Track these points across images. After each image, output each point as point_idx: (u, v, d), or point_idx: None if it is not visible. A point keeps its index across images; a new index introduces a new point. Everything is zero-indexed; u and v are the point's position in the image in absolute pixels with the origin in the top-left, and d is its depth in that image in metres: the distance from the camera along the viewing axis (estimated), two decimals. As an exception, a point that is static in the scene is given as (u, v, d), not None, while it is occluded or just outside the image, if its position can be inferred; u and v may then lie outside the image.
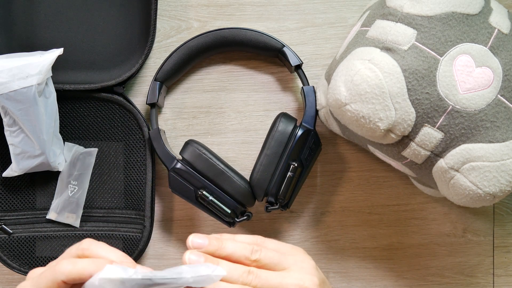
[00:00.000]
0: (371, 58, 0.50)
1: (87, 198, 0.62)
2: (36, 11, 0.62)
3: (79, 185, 0.61)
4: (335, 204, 0.65)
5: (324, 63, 0.64)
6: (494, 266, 0.65)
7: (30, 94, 0.55)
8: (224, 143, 0.65)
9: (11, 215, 0.61)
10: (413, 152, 0.52)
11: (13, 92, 0.55)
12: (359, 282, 0.65)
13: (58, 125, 0.60)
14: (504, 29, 0.52)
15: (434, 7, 0.50)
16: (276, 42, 0.61)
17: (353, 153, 0.65)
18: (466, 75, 0.50)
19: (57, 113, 0.59)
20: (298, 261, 0.45)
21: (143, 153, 0.62)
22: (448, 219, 0.65)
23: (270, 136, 0.58)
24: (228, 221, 0.59)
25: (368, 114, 0.50)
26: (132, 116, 0.62)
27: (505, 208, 0.65)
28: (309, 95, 0.60)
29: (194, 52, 0.62)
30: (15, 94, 0.55)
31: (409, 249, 0.65)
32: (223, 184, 0.58)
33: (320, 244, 0.65)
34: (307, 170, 0.59)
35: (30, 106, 0.55)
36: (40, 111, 0.56)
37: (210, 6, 0.64)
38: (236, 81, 0.65)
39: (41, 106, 0.56)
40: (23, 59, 0.55)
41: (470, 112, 0.50)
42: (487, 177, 0.49)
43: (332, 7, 0.64)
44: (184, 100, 0.65)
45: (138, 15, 0.62)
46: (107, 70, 0.63)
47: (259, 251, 0.44)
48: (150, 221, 0.62)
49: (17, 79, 0.54)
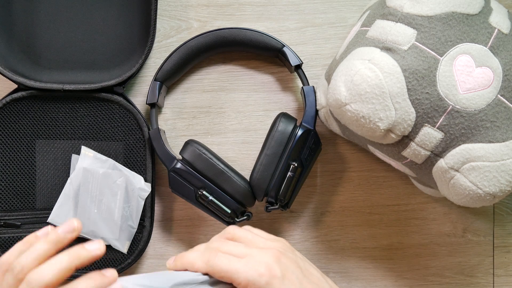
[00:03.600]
0: (371, 58, 0.50)
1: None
2: (36, 11, 0.62)
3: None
4: (335, 204, 0.65)
5: (324, 63, 0.64)
6: (494, 266, 0.65)
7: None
8: (224, 143, 0.65)
9: (11, 215, 0.61)
10: (413, 152, 0.52)
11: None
12: (359, 282, 0.65)
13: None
14: (504, 29, 0.52)
15: (434, 7, 0.50)
16: (276, 42, 0.61)
17: (353, 153, 0.65)
18: (466, 75, 0.50)
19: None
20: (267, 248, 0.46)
21: (143, 153, 0.62)
22: (448, 219, 0.65)
23: (270, 136, 0.58)
24: (228, 221, 0.59)
25: (368, 114, 0.50)
26: (132, 116, 0.62)
27: (505, 208, 0.65)
28: (309, 95, 0.60)
29: (194, 52, 0.62)
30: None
31: (409, 249, 0.65)
32: (223, 184, 0.58)
33: (320, 244, 0.65)
34: (307, 170, 0.59)
35: None
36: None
37: (210, 6, 0.64)
38: (236, 81, 0.65)
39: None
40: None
41: (470, 112, 0.50)
42: (487, 177, 0.49)
43: (332, 7, 0.64)
44: (184, 100, 0.65)
45: (138, 15, 0.62)
46: (107, 70, 0.63)
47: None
48: (150, 221, 0.62)
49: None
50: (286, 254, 0.46)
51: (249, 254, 0.45)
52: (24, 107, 0.61)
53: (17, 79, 0.60)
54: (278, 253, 0.45)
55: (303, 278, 0.45)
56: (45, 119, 0.61)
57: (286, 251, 0.46)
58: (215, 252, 0.45)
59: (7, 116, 0.61)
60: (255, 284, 0.42)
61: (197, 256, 0.46)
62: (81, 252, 0.42)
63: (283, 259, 0.45)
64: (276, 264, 0.44)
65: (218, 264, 0.44)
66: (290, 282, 0.43)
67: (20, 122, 0.61)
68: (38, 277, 0.39)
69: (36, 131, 0.61)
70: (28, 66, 0.62)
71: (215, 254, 0.45)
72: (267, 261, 0.44)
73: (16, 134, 0.61)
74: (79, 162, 0.60)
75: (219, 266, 0.44)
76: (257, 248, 0.46)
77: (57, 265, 0.40)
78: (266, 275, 0.43)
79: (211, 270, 0.44)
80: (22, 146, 0.61)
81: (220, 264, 0.44)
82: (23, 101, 0.61)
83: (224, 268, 0.44)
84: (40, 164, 0.62)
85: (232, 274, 0.43)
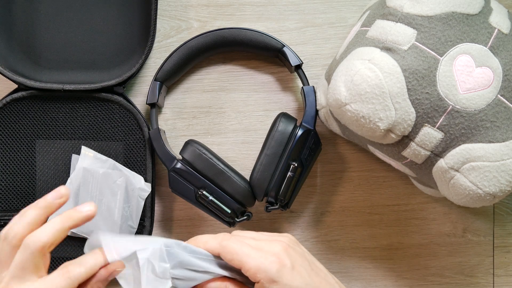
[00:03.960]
0: (371, 58, 0.50)
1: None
2: (36, 11, 0.62)
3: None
4: (335, 204, 0.65)
5: (324, 63, 0.64)
6: (494, 266, 0.65)
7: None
8: (224, 143, 0.65)
9: (11, 215, 0.61)
10: (413, 152, 0.52)
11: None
12: (359, 282, 0.65)
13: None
14: (504, 29, 0.52)
15: (434, 7, 0.50)
16: (276, 42, 0.61)
17: (353, 153, 0.65)
18: (466, 75, 0.50)
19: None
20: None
21: (143, 153, 0.62)
22: (448, 219, 0.65)
23: (270, 136, 0.58)
24: (228, 221, 0.59)
25: (368, 114, 0.50)
26: (132, 116, 0.62)
27: (505, 208, 0.65)
28: (309, 95, 0.60)
29: (194, 52, 0.62)
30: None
31: (409, 249, 0.65)
32: (223, 184, 0.58)
33: (320, 244, 0.65)
34: (307, 170, 0.59)
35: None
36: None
37: (210, 6, 0.64)
38: (236, 81, 0.65)
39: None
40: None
41: (470, 112, 0.50)
42: (487, 177, 0.49)
43: (332, 7, 0.64)
44: (184, 100, 0.65)
45: (138, 15, 0.62)
46: (107, 70, 0.63)
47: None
48: (150, 221, 0.62)
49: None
50: (294, 248, 0.46)
51: (259, 245, 0.45)
52: (24, 107, 0.61)
53: (17, 79, 0.60)
54: (286, 245, 0.46)
55: (311, 271, 0.45)
56: (45, 119, 0.61)
57: (294, 245, 0.47)
58: (229, 235, 0.46)
59: (7, 116, 0.61)
60: (266, 272, 0.43)
61: (211, 237, 0.46)
62: (72, 213, 0.43)
63: (291, 251, 0.45)
64: (286, 254, 0.44)
65: (231, 245, 0.44)
66: (298, 273, 0.44)
67: (20, 122, 0.61)
68: (34, 239, 0.41)
69: (36, 131, 0.61)
70: (28, 66, 0.62)
71: (229, 236, 0.46)
72: (277, 251, 0.44)
73: (16, 134, 0.61)
74: (79, 162, 0.60)
75: (232, 246, 0.44)
76: (265, 241, 0.46)
77: (50, 226, 0.42)
78: (277, 263, 0.43)
79: (222, 250, 0.45)
80: (22, 146, 0.61)
81: (232, 245, 0.44)
82: (23, 101, 0.61)
83: (236, 249, 0.44)
84: (40, 164, 0.62)
85: (242, 257, 0.43)
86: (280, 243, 0.46)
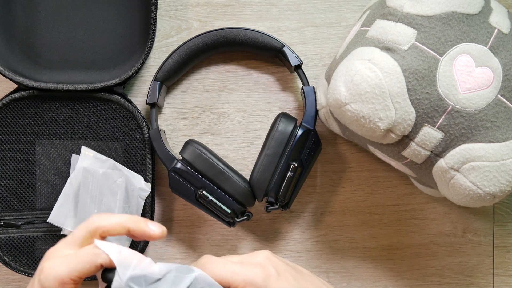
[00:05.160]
0: (371, 58, 0.50)
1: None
2: (36, 11, 0.62)
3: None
4: (335, 204, 0.65)
5: (324, 63, 0.64)
6: (494, 266, 0.65)
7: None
8: (224, 143, 0.65)
9: (11, 215, 0.61)
10: (413, 152, 0.52)
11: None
12: (359, 282, 0.65)
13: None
14: (504, 29, 0.52)
15: (434, 7, 0.50)
16: (276, 42, 0.61)
17: (353, 153, 0.65)
18: (466, 75, 0.50)
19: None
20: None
21: (143, 153, 0.62)
22: (448, 219, 0.65)
23: (270, 136, 0.58)
24: (228, 221, 0.59)
25: (368, 114, 0.50)
26: (132, 116, 0.62)
27: (505, 208, 0.65)
28: (309, 95, 0.60)
29: (194, 52, 0.62)
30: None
31: (409, 249, 0.65)
32: (223, 184, 0.58)
33: (320, 244, 0.65)
34: (307, 170, 0.59)
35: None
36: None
37: (210, 6, 0.64)
38: (236, 81, 0.65)
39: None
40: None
41: (470, 112, 0.50)
42: (487, 177, 0.49)
43: (332, 7, 0.64)
44: (184, 100, 0.65)
45: (138, 15, 0.62)
46: (107, 70, 0.63)
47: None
48: (150, 221, 0.62)
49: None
50: (275, 256, 0.47)
51: (241, 259, 0.45)
52: (24, 107, 0.61)
53: (17, 79, 0.60)
54: (267, 253, 0.46)
55: (296, 275, 0.45)
56: (45, 119, 0.61)
57: (273, 255, 0.47)
58: (210, 257, 0.45)
59: (7, 116, 0.61)
60: (253, 284, 0.43)
61: (192, 264, 0.46)
62: (140, 221, 0.43)
63: (273, 259, 0.45)
64: (269, 262, 0.44)
65: (214, 267, 0.44)
66: (285, 279, 0.44)
67: (20, 122, 0.61)
68: (99, 219, 0.42)
69: (36, 131, 0.61)
70: (28, 66, 0.62)
71: (210, 259, 0.45)
72: (259, 261, 0.44)
73: (16, 134, 0.61)
74: (79, 162, 0.60)
75: (216, 269, 0.43)
76: (246, 255, 0.46)
77: (117, 216, 0.43)
78: (262, 273, 0.43)
79: (208, 274, 0.44)
80: (22, 146, 0.61)
81: (216, 267, 0.44)
82: (23, 101, 0.61)
83: (221, 271, 0.43)
84: (40, 164, 0.62)
85: (229, 277, 0.43)
86: (261, 253, 0.46)
